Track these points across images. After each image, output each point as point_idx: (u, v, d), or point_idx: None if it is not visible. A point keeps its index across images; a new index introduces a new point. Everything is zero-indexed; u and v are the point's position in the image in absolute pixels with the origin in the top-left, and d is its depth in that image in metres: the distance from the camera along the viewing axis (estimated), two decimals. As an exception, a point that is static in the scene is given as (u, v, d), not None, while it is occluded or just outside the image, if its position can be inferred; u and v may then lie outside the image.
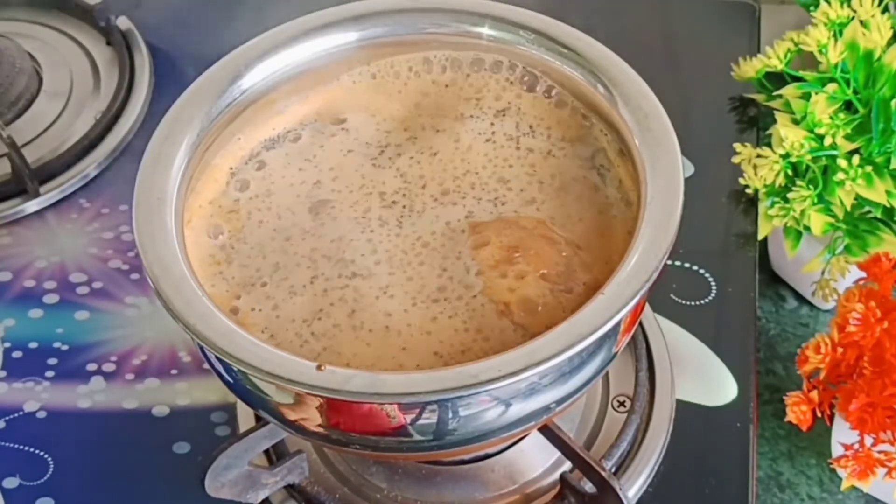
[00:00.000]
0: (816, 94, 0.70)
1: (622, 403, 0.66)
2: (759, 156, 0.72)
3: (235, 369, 0.51)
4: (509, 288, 0.53)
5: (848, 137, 0.70)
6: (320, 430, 0.52)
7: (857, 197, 0.69)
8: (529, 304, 0.53)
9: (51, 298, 0.74)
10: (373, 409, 0.49)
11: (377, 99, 0.62)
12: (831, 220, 0.71)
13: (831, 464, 0.64)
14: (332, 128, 0.61)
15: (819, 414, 0.65)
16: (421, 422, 0.50)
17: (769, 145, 0.73)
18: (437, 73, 0.63)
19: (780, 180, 0.71)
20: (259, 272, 0.55)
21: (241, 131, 0.60)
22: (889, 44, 0.71)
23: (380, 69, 0.63)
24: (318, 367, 0.48)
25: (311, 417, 0.51)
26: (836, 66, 0.71)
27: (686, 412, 0.66)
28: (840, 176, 0.69)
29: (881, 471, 0.62)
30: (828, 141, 0.69)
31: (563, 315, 0.50)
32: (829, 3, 0.73)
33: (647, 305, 0.66)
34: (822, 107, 0.70)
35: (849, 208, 0.70)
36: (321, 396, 0.49)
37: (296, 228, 0.57)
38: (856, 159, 0.69)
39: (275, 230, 0.57)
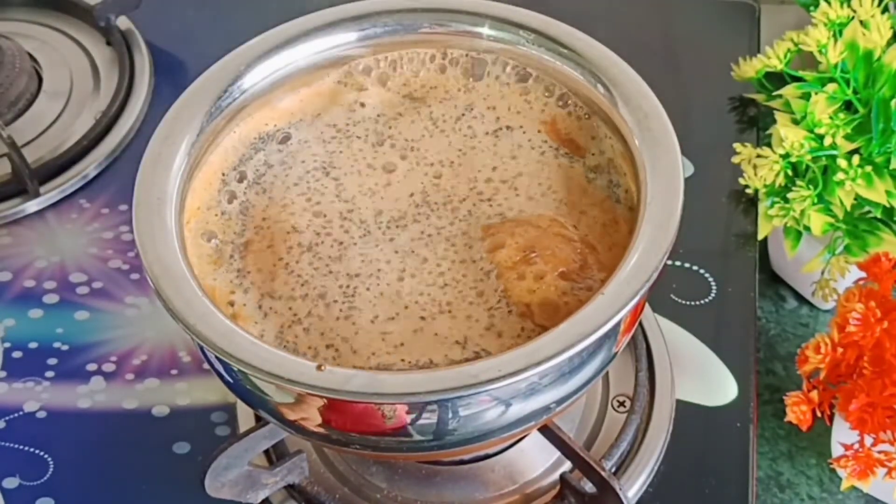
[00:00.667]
0: (816, 94, 0.70)
1: (622, 403, 0.66)
2: (759, 156, 0.72)
3: (235, 369, 0.51)
4: (529, 289, 0.53)
5: (848, 137, 0.70)
6: (320, 430, 0.52)
7: (857, 197, 0.69)
8: (550, 305, 0.53)
9: (51, 298, 0.74)
10: (372, 409, 0.49)
11: (374, 97, 0.62)
12: (831, 220, 0.71)
13: (831, 464, 0.64)
14: (327, 129, 0.61)
15: (819, 414, 0.65)
16: (421, 422, 0.50)
17: (769, 145, 0.73)
18: (438, 73, 0.63)
19: (780, 180, 0.71)
20: (253, 277, 0.55)
21: (237, 130, 0.60)
22: (889, 44, 0.71)
23: (379, 68, 0.63)
24: (318, 367, 0.48)
25: (311, 417, 0.51)
26: (835, 66, 0.71)
27: (686, 412, 0.66)
28: (840, 176, 0.69)
29: (881, 471, 0.62)
30: (828, 141, 0.69)
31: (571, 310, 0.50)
32: (829, 3, 0.73)
33: (647, 305, 0.66)
34: (822, 107, 0.70)
35: (849, 208, 0.70)
36: (321, 396, 0.49)
37: (287, 240, 0.57)
38: (856, 159, 0.69)
39: (264, 240, 0.57)
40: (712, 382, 0.68)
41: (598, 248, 0.55)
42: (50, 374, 0.70)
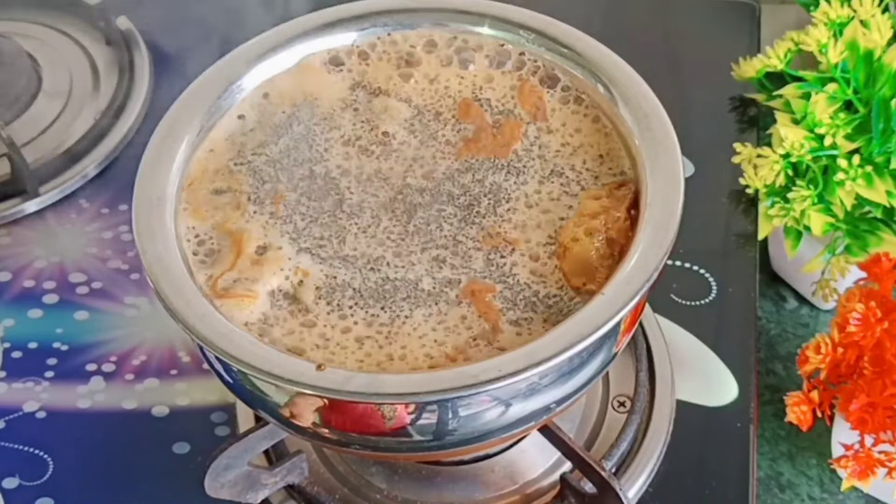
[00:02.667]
0: (816, 94, 0.70)
1: (622, 403, 0.66)
2: (759, 156, 0.72)
3: (235, 369, 0.51)
4: (574, 237, 0.54)
5: (848, 137, 0.70)
6: (320, 430, 0.52)
7: (857, 197, 0.69)
8: (582, 260, 0.53)
9: (50, 298, 0.74)
10: (372, 409, 0.49)
11: (375, 94, 0.62)
12: (831, 220, 0.71)
13: (831, 464, 0.64)
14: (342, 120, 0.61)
15: (819, 414, 0.65)
16: (421, 422, 0.50)
17: (769, 145, 0.73)
18: (438, 72, 0.62)
19: (781, 180, 0.71)
20: (284, 221, 0.56)
21: (236, 115, 0.60)
22: (889, 44, 0.71)
23: (384, 67, 0.63)
24: (318, 367, 0.48)
25: (311, 418, 0.51)
26: (836, 65, 0.71)
27: (686, 412, 0.66)
28: (840, 176, 0.69)
29: (881, 471, 0.62)
30: (828, 141, 0.69)
31: (603, 279, 0.51)
32: (829, 3, 0.73)
33: (647, 305, 0.66)
34: (822, 107, 0.70)
35: (849, 208, 0.70)
36: (321, 396, 0.49)
37: (326, 188, 0.57)
38: (856, 159, 0.69)
39: (287, 193, 0.57)
40: (712, 382, 0.68)
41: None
42: (50, 374, 0.70)
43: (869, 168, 0.69)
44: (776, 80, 0.78)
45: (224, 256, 0.54)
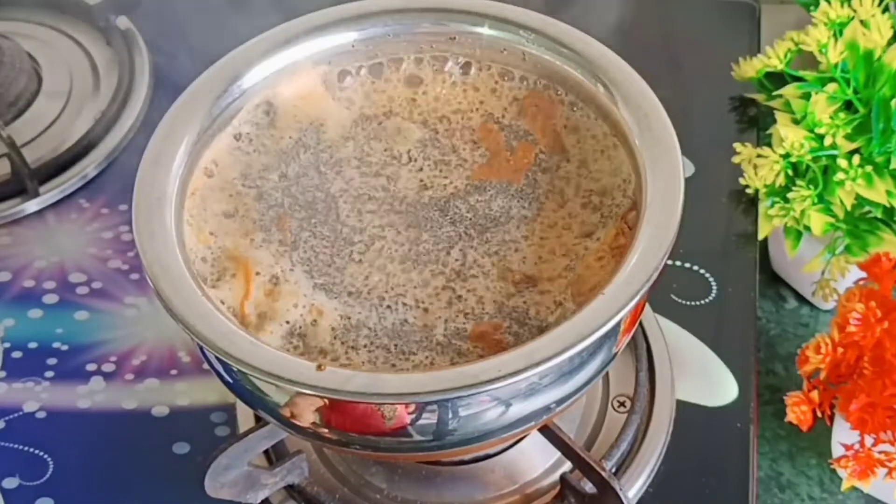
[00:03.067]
0: (816, 93, 0.70)
1: (622, 403, 0.66)
2: (759, 156, 0.72)
3: (235, 369, 0.51)
4: (587, 265, 0.54)
5: (848, 137, 0.70)
6: (320, 430, 0.52)
7: (858, 197, 0.69)
8: (588, 281, 0.53)
9: (50, 298, 0.74)
10: (372, 409, 0.49)
11: (378, 94, 0.62)
12: (831, 220, 0.71)
13: (832, 464, 0.64)
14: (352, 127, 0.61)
15: (819, 414, 0.65)
16: (421, 422, 0.50)
17: (769, 145, 0.73)
18: (439, 73, 0.62)
19: (781, 180, 0.71)
20: (296, 250, 0.56)
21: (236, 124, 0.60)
22: (889, 43, 0.71)
23: (385, 69, 0.63)
24: (319, 367, 0.48)
25: (311, 418, 0.51)
26: (836, 65, 0.71)
27: (686, 412, 0.66)
28: (840, 176, 0.69)
29: (881, 471, 0.62)
30: (828, 141, 0.69)
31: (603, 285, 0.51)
32: (829, 3, 0.73)
33: (647, 305, 0.66)
34: (822, 107, 0.70)
35: (849, 208, 0.70)
36: (321, 397, 0.49)
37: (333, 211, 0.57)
38: (856, 159, 0.69)
39: (297, 215, 0.57)
40: (712, 382, 0.67)
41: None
42: (50, 374, 0.70)
43: (869, 168, 0.69)
44: (776, 80, 0.78)
45: (234, 281, 0.54)
